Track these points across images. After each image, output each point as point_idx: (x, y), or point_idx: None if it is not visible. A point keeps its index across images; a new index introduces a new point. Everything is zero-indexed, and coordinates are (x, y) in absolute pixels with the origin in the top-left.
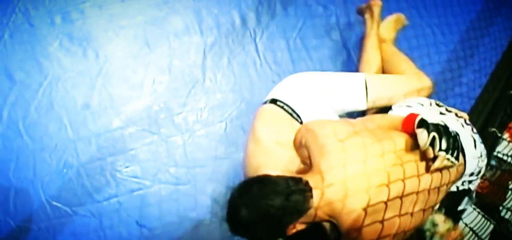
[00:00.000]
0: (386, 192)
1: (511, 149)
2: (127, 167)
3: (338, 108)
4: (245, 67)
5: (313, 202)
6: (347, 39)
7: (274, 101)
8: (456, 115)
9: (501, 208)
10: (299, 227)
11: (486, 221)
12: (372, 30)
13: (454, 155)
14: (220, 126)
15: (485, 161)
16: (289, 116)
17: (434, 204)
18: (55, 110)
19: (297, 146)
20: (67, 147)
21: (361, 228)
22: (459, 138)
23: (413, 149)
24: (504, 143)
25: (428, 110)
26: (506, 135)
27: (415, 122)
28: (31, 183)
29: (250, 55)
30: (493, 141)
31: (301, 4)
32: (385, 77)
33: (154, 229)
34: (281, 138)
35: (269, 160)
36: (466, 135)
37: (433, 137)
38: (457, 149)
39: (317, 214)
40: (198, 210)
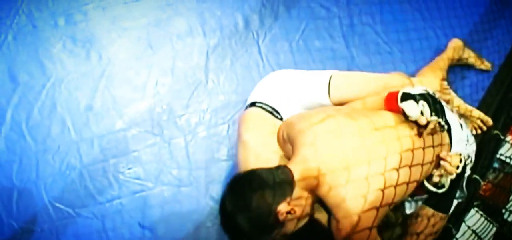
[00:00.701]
0: (366, 169)
1: None
2: (129, 168)
3: (305, 104)
4: (248, 69)
5: (295, 181)
6: (350, 41)
7: (253, 104)
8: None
9: (504, 211)
10: (289, 211)
11: (489, 223)
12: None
13: (443, 119)
14: (223, 128)
15: (473, 147)
16: (270, 115)
17: (419, 179)
18: (58, 111)
19: (281, 143)
20: (70, 148)
21: (345, 201)
22: (441, 103)
23: (393, 123)
24: (507, 145)
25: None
26: (509, 138)
27: (398, 97)
28: (34, 184)
29: (253, 57)
30: (496, 144)
31: (304, 7)
32: (354, 74)
33: (157, 231)
34: (266, 139)
35: (259, 163)
36: (452, 117)
37: (422, 105)
38: (444, 115)
39: (302, 195)
40: (201, 212)
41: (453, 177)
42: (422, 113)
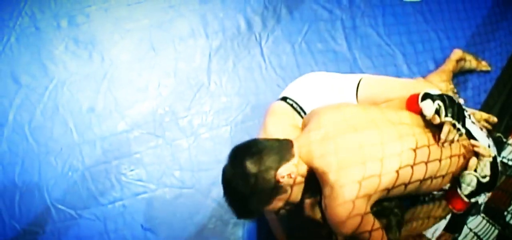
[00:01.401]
0: (378, 165)
1: None
2: (132, 170)
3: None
4: (251, 71)
5: (294, 151)
6: (352, 44)
7: (284, 98)
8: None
9: (506, 213)
10: (287, 176)
11: (490, 226)
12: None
13: (460, 122)
14: (225, 129)
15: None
16: (296, 114)
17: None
18: (60, 113)
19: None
20: (72, 150)
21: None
22: (462, 108)
23: (409, 121)
24: (509, 148)
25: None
26: (511, 140)
27: (419, 97)
28: (36, 186)
29: (256, 59)
30: (498, 146)
31: (306, 9)
32: (384, 78)
33: (159, 233)
34: (288, 134)
35: None
36: (473, 126)
37: (438, 105)
38: (463, 118)
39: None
40: (203, 214)
41: (490, 160)
42: (437, 113)
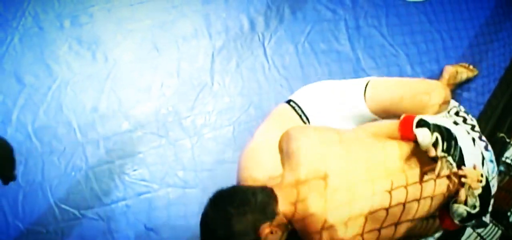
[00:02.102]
0: (368, 204)
1: None
2: (135, 170)
3: (344, 114)
4: (254, 71)
5: (278, 208)
6: (355, 44)
7: (289, 101)
8: (473, 128)
9: (509, 214)
10: (268, 232)
11: (494, 226)
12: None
13: (455, 159)
14: (228, 129)
15: (493, 182)
16: (297, 117)
17: (426, 215)
18: (64, 113)
19: (280, 150)
20: (76, 150)
21: (321, 231)
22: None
23: (406, 158)
24: None
25: (444, 117)
26: None
27: (414, 123)
28: (39, 186)
29: (259, 59)
30: (501, 147)
31: (309, 9)
32: (391, 79)
33: (162, 233)
34: (273, 143)
35: (258, 153)
36: (475, 152)
37: (436, 138)
38: (460, 154)
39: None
40: None
41: (479, 191)
42: (434, 145)
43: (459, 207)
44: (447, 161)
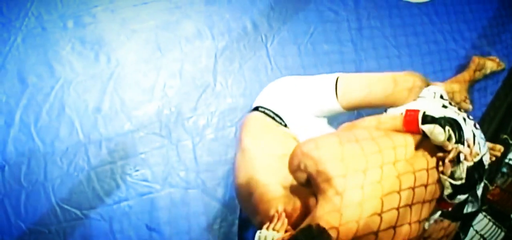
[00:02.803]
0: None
1: None
2: (137, 170)
3: (315, 110)
4: (256, 72)
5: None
6: (358, 45)
7: (256, 108)
8: (459, 109)
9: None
10: None
11: (497, 228)
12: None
13: (463, 144)
14: (231, 130)
15: (486, 157)
16: (272, 120)
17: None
18: (66, 113)
19: (294, 169)
20: (78, 150)
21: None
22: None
23: (414, 154)
24: None
25: (431, 102)
26: None
27: (419, 120)
28: (42, 186)
29: (261, 60)
30: (504, 148)
31: (312, 10)
32: (361, 75)
33: (164, 233)
34: (266, 145)
35: (257, 169)
36: (466, 130)
37: (449, 132)
38: (463, 139)
39: None
40: (208, 214)
41: (470, 164)
42: (448, 139)
43: (445, 180)
44: (457, 149)
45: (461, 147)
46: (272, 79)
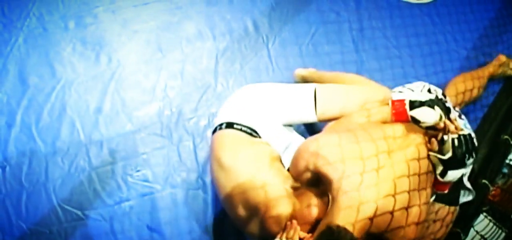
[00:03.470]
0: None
1: None
2: (138, 171)
3: (287, 120)
4: (257, 73)
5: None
6: (359, 46)
7: (230, 124)
8: (444, 97)
9: None
10: None
11: (497, 229)
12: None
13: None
14: None
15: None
16: (246, 136)
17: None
18: (67, 114)
19: (301, 170)
20: (79, 151)
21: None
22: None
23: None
24: None
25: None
26: None
27: (406, 108)
28: (43, 186)
29: (263, 61)
30: (505, 149)
31: (313, 11)
32: (338, 86)
33: (165, 233)
34: (253, 160)
35: (254, 188)
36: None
37: (439, 110)
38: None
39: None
40: (209, 215)
41: (455, 136)
42: (440, 117)
43: (434, 157)
44: (447, 123)
45: (448, 122)
46: (273, 79)
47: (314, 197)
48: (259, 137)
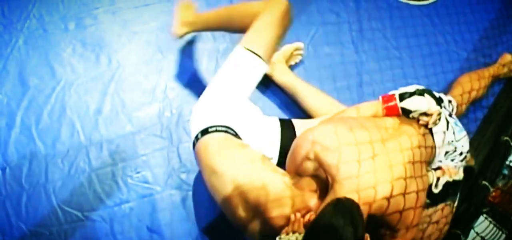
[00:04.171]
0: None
1: None
2: (138, 172)
3: (246, 91)
4: None
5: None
6: (359, 47)
7: (204, 131)
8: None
9: None
10: None
11: (498, 230)
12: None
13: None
14: None
15: (462, 143)
16: (229, 137)
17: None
18: (67, 115)
19: (301, 160)
20: (79, 152)
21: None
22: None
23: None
24: None
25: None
26: None
27: (397, 100)
28: (43, 187)
29: None
30: (505, 151)
31: (313, 12)
32: (255, 28)
33: (165, 235)
34: (244, 159)
35: (253, 187)
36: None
37: (429, 97)
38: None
39: None
40: (209, 217)
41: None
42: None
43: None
44: (438, 110)
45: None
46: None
47: (314, 185)
48: (234, 132)
